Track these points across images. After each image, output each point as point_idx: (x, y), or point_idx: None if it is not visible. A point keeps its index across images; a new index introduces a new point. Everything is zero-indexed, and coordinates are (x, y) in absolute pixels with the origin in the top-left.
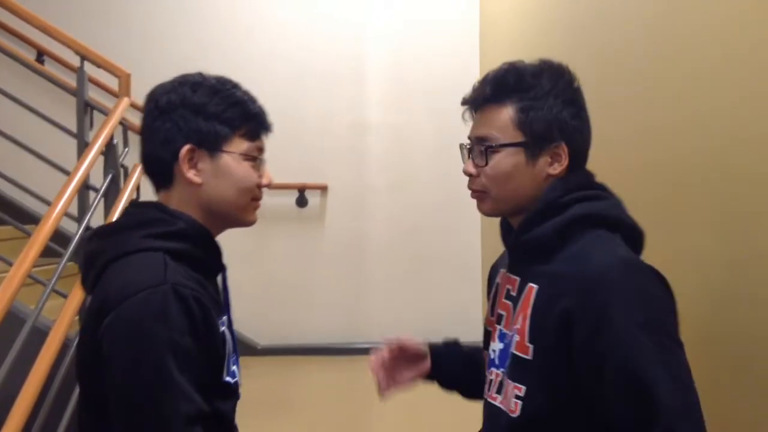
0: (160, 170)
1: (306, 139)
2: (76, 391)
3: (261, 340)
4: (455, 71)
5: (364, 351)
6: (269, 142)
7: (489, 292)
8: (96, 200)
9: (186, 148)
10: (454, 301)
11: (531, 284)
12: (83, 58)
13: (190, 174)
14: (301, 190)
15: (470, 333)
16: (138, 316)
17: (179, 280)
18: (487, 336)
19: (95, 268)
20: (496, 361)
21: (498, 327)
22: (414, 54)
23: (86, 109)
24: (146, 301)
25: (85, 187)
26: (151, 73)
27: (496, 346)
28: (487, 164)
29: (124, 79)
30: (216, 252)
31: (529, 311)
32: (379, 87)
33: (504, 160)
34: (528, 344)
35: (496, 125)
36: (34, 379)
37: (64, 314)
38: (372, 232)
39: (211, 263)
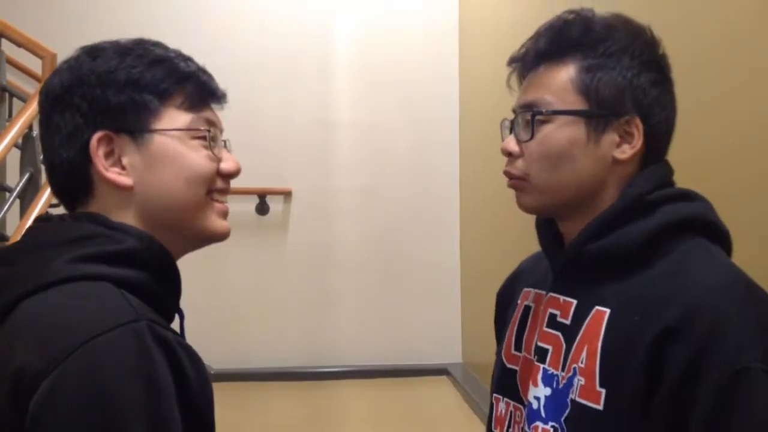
0: (72, 180)
1: (266, 139)
2: None
3: (214, 364)
4: (431, 64)
5: (331, 376)
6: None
7: (502, 317)
8: (9, 201)
9: (97, 136)
10: (430, 318)
11: (599, 308)
12: (0, 35)
13: (112, 173)
14: (262, 195)
15: (447, 353)
16: (101, 370)
17: (155, 317)
18: (509, 376)
19: None
20: (542, 413)
21: (540, 365)
22: (386, 47)
23: (3, 95)
24: (112, 347)
25: None
26: None
27: (540, 391)
28: (533, 137)
29: (49, 60)
30: (177, 286)
31: (598, 344)
32: (347, 82)
33: (557, 133)
34: (599, 389)
35: (550, 88)
36: None
37: None
38: (340, 241)
39: (170, 302)
